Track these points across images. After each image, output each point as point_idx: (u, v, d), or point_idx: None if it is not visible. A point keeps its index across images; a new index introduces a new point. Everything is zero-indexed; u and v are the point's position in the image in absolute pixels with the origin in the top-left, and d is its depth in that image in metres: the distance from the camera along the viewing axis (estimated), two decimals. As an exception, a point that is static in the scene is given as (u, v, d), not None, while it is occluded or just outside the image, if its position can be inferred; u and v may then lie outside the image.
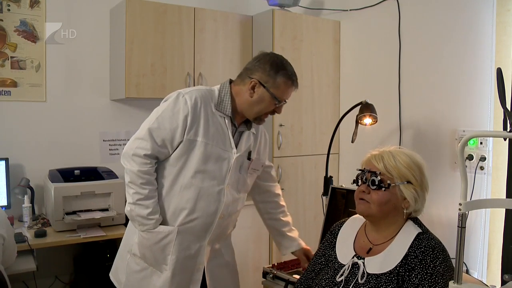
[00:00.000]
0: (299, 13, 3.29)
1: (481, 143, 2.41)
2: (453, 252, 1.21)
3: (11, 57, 2.87)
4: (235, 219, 2.02)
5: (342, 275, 1.49)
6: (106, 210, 2.73)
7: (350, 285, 1.45)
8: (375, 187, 1.46)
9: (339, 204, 2.38)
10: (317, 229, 2.65)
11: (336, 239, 1.63)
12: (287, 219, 2.13)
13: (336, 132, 2.79)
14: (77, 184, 2.68)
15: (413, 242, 1.43)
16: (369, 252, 1.50)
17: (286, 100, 1.84)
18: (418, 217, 1.53)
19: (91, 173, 2.84)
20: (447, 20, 2.61)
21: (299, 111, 3.20)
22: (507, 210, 2.11)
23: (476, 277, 2.32)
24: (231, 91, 1.85)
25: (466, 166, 2.28)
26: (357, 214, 1.58)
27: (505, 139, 2.09)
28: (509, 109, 1.84)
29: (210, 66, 3.14)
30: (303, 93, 3.18)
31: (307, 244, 2.12)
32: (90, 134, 3.13)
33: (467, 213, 1.12)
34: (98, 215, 2.65)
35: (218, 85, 1.88)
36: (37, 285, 2.79)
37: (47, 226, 2.67)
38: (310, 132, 3.26)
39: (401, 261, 1.41)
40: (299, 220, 3.08)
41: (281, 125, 3.07)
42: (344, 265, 1.51)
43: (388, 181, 1.46)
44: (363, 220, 1.59)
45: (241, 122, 1.90)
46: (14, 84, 2.89)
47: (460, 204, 1.12)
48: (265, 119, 1.88)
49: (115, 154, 3.20)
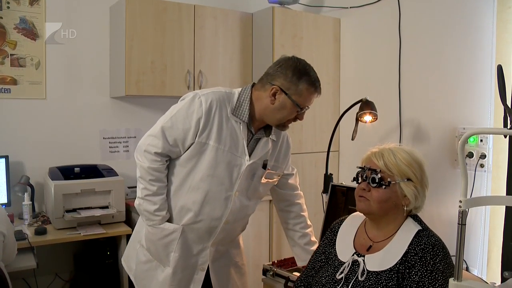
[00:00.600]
0: (299, 11, 3.28)
1: (481, 140, 2.41)
2: (453, 250, 1.21)
3: (10, 54, 2.87)
4: (244, 224, 1.99)
5: (342, 272, 1.49)
6: (106, 207, 2.73)
7: (350, 282, 1.45)
8: (375, 184, 1.46)
9: (339, 201, 2.38)
10: (317, 227, 2.65)
11: (336, 237, 1.63)
12: (307, 231, 2.06)
13: (336, 130, 2.78)
14: (77, 182, 2.68)
15: (413, 240, 1.43)
16: (369, 249, 1.50)
17: (309, 106, 1.76)
18: (418, 214, 1.53)
19: (91, 171, 2.84)
20: (448, 17, 2.60)
21: (299, 108, 3.19)
22: (507, 207, 2.11)
23: (476, 275, 2.32)
24: (251, 96, 1.77)
25: (466, 164, 2.27)
26: (357, 212, 1.58)
27: (505, 136, 2.08)
28: (510, 106, 1.84)
29: (210, 63, 3.14)
30: (303, 90, 3.17)
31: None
32: (90, 131, 3.13)
33: (467, 210, 1.12)
34: (98, 212, 2.65)
35: (240, 88, 1.82)
36: (37, 283, 2.80)
37: (47, 224, 2.67)
38: (310, 129, 3.26)
39: (401, 258, 1.41)
40: (299, 218, 3.08)
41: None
42: (344, 262, 1.51)
43: (389, 179, 1.45)
44: (363, 217, 1.59)
45: (260, 128, 1.83)
46: (14, 82, 2.88)
47: (460, 201, 1.12)
48: (288, 125, 1.80)
49: (115, 151, 3.20)
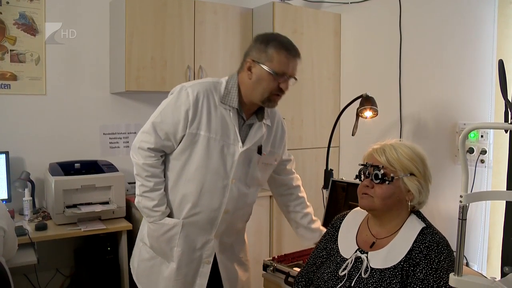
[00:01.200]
0: (299, 6, 3.27)
1: (481, 136, 2.41)
2: (453, 245, 1.21)
3: (10, 50, 2.86)
4: (246, 214, 1.97)
5: (345, 269, 1.48)
6: (107, 203, 2.73)
7: (353, 279, 1.45)
8: (378, 180, 1.46)
9: (340, 197, 2.39)
10: (317, 222, 2.65)
11: (338, 232, 1.63)
12: (307, 210, 2.07)
13: (337, 125, 2.78)
14: (77, 178, 2.68)
15: (417, 237, 1.43)
16: (372, 246, 1.50)
17: (290, 74, 1.71)
18: (420, 211, 1.53)
19: (91, 166, 2.84)
20: (449, 13, 2.59)
21: (299, 104, 3.20)
22: (507, 202, 2.11)
23: (476, 270, 2.32)
24: (238, 81, 1.78)
25: (467, 159, 2.27)
26: (358, 207, 1.57)
27: (506, 131, 2.08)
28: (511, 101, 1.83)
29: (210, 59, 3.13)
30: (303, 86, 3.17)
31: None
32: (90, 127, 3.13)
33: (467, 205, 1.12)
34: (98, 208, 2.65)
35: (227, 77, 1.82)
36: (38, 278, 2.81)
37: (47, 219, 2.67)
38: (311, 125, 3.26)
39: (406, 256, 1.40)
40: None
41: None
42: (347, 259, 1.51)
43: (392, 174, 1.45)
44: (365, 213, 1.59)
45: (252, 114, 1.82)
46: (14, 78, 2.88)
47: (461, 196, 1.11)
48: (276, 100, 1.75)
49: (115, 147, 3.20)
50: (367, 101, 2.61)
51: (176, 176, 1.80)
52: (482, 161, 2.40)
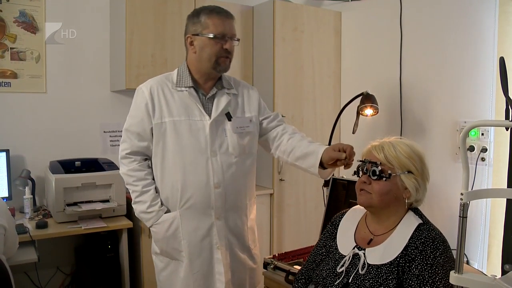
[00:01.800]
0: (300, 4, 3.27)
1: (482, 134, 2.40)
2: (454, 243, 1.21)
3: (10, 48, 2.86)
4: (242, 188, 1.90)
5: (342, 266, 1.49)
6: (107, 201, 2.73)
7: (350, 276, 1.45)
8: (376, 177, 1.46)
9: (340, 195, 2.39)
10: (318, 220, 2.66)
11: (337, 230, 1.63)
12: (307, 139, 1.92)
13: (337, 123, 2.78)
14: (78, 175, 2.68)
15: (413, 233, 1.43)
16: (370, 243, 1.50)
17: (229, 35, 1.80)
18: (419, 208, 1.53)
19: (92, 164, 2.84)
20: (449, 10, 2.59)
21: (300, 102, 3.19)
22: (508, 200, 2.10)
23: (476, 268, 2.32)
24: (187, 63, 1.88)
25: (467, 157, 2.27)
26: (358, 205, 1.58)
27: (507, 129, 2.08)
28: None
29: (210, 57, 3.12)
30: (304, 84, 3.16)
31: (307, 237, 2.11)
32: (90, 125, 3.13)
33: (468, 203, 1.11)
34: (99, 206, 2.65)
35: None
36: (38, 276, 2.81)
37: (48, 217, 2.67)
38: (311, 123, 3.26)
39: (402, 252, 1.41)
40: (300, 211, 3.08)
41: (282, 116, 3.06)
42: (345, 256, 1.51)
43: (389, 171, 1.46)
44: (364, 211, 1.59)
45: (211, 88, 1.88)
46: (14, 76, 2.88)
47: (461, 194, 1.11)
48: (226, 62, 1.82)
49: (115, 145, 3.20)
50: (367, 99, 2.61)
51: (160, 171, 1.85)
52: (483, 159, 2.40)
